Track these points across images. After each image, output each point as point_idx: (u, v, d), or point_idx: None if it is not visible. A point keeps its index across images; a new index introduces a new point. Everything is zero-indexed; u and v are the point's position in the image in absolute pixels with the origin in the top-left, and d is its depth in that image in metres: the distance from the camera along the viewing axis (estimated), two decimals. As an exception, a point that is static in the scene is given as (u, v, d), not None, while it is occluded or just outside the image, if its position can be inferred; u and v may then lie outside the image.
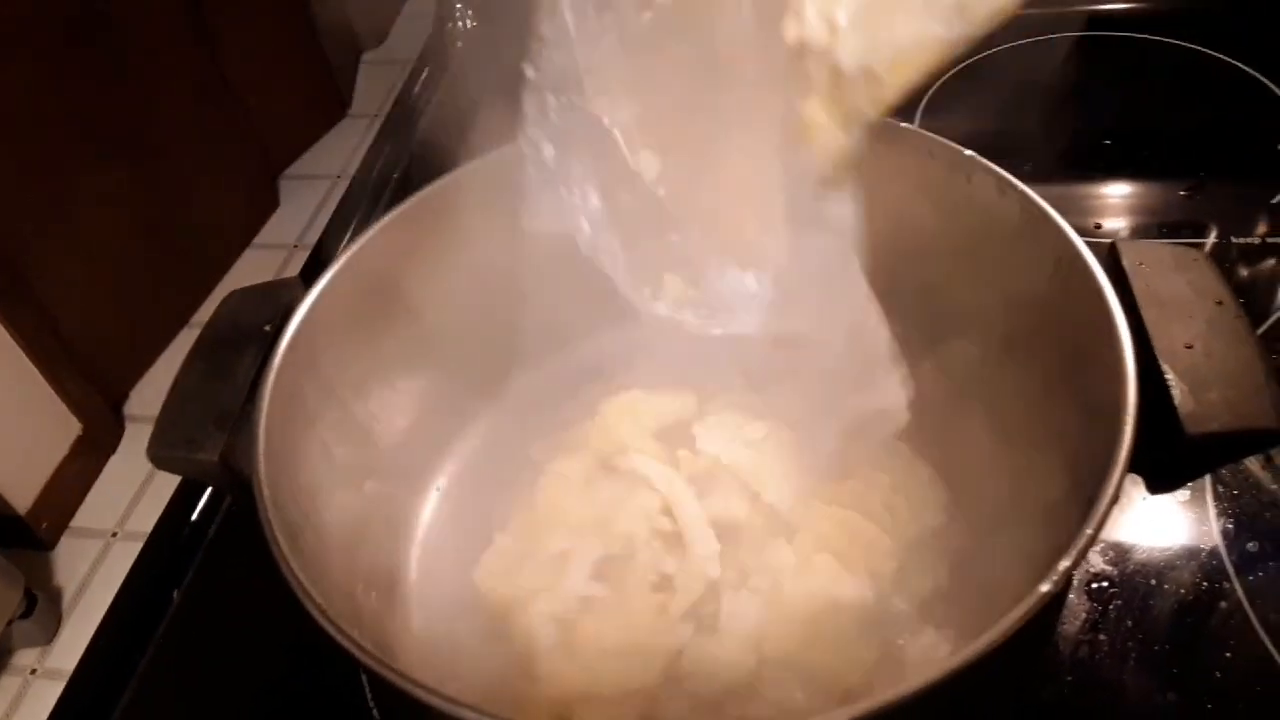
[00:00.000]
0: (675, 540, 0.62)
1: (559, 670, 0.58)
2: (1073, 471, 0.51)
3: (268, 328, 0.58)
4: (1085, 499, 0.46)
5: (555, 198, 0.57)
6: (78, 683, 0.68)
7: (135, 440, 2.09)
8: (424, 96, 1.15)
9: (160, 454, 0.54)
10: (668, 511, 0.63)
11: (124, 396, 2.13)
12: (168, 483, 0.78)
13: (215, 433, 0.53)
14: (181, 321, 2.19)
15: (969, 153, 0.61)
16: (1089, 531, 0.44)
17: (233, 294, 0.62)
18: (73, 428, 1.96)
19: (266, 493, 0.49)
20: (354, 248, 0.62)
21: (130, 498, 1.98)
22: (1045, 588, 0.42)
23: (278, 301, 0.59)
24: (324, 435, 0.60)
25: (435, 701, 0.41)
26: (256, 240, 2.36)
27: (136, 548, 0.74)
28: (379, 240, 0.63)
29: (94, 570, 1.88)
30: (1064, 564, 0.43)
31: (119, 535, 1.93)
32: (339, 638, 0.43)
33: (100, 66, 1.95)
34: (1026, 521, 0.53)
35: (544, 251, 0.70)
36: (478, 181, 0.66)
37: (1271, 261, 0.81)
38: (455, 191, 0.66)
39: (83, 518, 1.96)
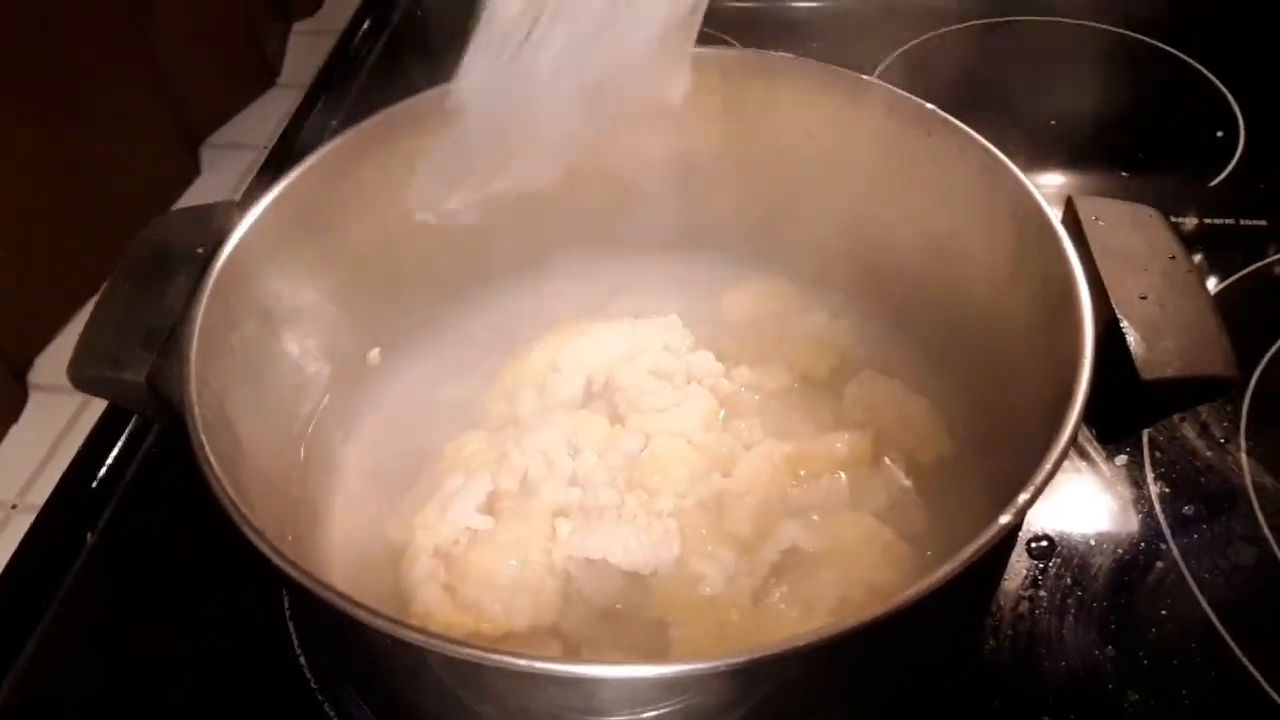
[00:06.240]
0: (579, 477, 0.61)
1: (434, 609, 0.55)
2: (1032, 417, 0.51)
3: (200, 250, 0.55)
4: (1043, 441, 0.46)
5: None
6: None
7: (38, 410, 1.99)
8: (355, 63, 1.13)
9: (83, 374, 0.51)
10: (573, 447, 0.62)
11: (28, 364, 2.03)
12: (72, 454, 0.74)
13: (142, 353, 0.50)
14: (91, 289, 2.09)
15: (930, 107, 0.61)
16: (1047, 467, 0.44)
17: (164, 216, 0.58)
18: (-29, 394, 1.87)
19: (197, 412, 0.46)
20: (292, 174, 0.59)
21: (32, 469, 1.87)
22: (1005, 519, 0.42)
23: (211, 225, 0.56)
24: (257, 368, 0.57)
25: (379, 624, 0.39)
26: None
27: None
28: (319, 168, 0.60)
29: (-10, 543, 1.79)
30: (1023, 497, 0.43)
31: (18, 507, 1.83)
32: (275, 558, 0.41)
33: (4, 18, 1.86)
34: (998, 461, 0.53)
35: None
36: (416, 117, 0.64)
37: (1209, 242, 0.83)
38: (395, 126, 0.64)
39: (-20, 488, 1.87)
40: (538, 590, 0.56)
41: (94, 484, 0.70)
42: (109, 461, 0.71)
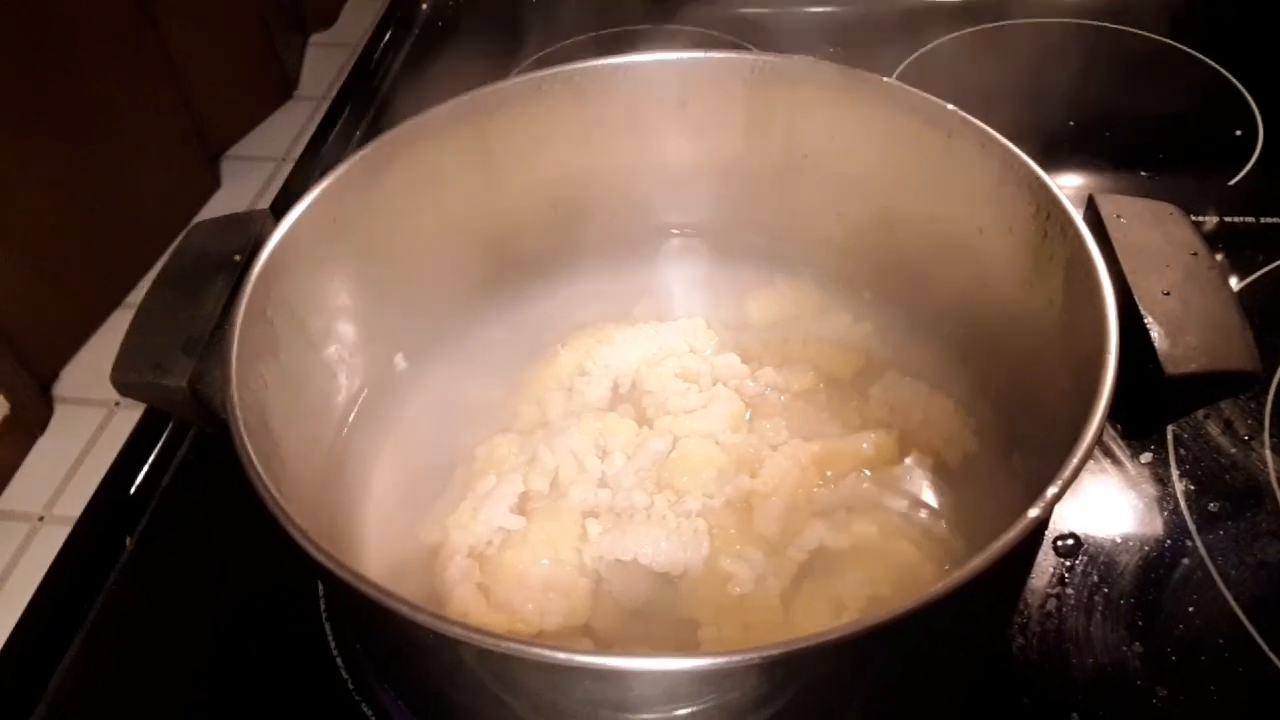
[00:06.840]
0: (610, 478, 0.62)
1: (469, 608, 0.56)
2: (1057, 414, 0.51)
3: (237, 257, 0.56)
4: (1069, 437, 0.46)
5: None
6: (34, 610, 0.66)
7: (65, 422, 2.00)
8: (377, 75, 1.14)
9: (126, 380, 0.52)
10: (602, 448, 0.63)
11: (54, 377, 2.05)
12: (99, 465, 0.75)
13: (183, 359, 0.51)
14: (115, 302, 2.11)
15: (951, 107, 0.62)
16: (1075, 461, 0.44)
17: (200, 224, 0.60)
18: (-1, 408, 1.89)
19: (239, 415, 0.47)
20: (326, 180, 0.60)
21: (59, 481, 1.89)
22: (1034, 512, 0.42)
23: (247, 232, 0.57)
24: (292, 372, 0.58)
25: (423, 619, 0.39)
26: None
27: (65, 532, 0.71)
28: (352, 174, 0.61)
29: (19, 555, 1.80)
30: (1051, 491, 0.43)
31: (46, 519, 1.85)
32: (319, 556, 0.42)
33: (27, 30, 1.88)
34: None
35: (518, 196, 0.70)
36: (449, 121, 0.65)
37: (1230, 241, 0.83)
38: (427, 130, 0.65)
39: (8, 501, 1.88)
40: (569, 590, 0.57)
41: (132, 490, 0.71)
42: (145, 468, 0.72)
